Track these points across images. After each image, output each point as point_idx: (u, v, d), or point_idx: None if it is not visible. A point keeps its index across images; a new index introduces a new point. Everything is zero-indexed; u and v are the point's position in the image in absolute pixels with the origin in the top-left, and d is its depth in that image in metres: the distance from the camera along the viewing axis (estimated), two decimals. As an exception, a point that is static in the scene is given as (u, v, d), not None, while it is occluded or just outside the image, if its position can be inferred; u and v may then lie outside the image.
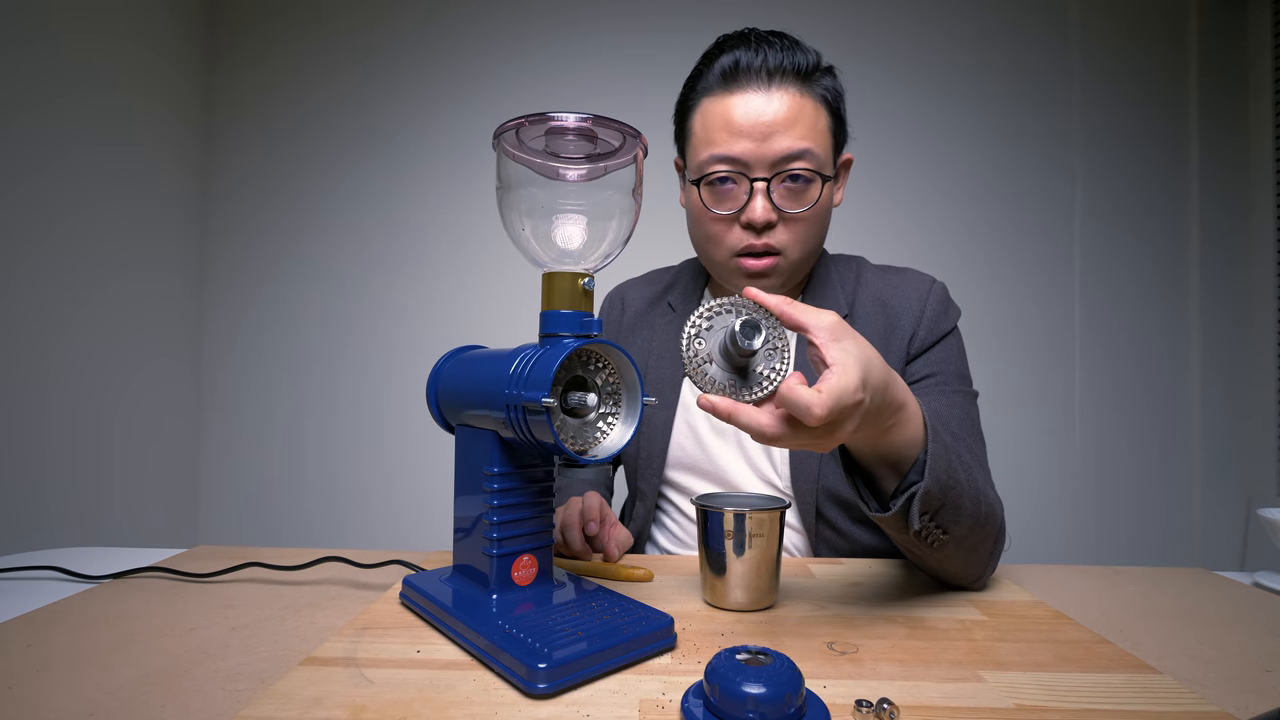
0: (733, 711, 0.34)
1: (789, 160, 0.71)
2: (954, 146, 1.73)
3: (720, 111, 0.72)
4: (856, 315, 0.79)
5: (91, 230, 1.45)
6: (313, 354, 1.81)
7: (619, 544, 0.66)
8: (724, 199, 0.74)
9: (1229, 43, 1.70)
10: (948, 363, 0.77)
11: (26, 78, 1.30)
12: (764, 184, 0.71)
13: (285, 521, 1.81)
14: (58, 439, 1.38)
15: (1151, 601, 0.61)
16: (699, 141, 0.75)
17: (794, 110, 0.71)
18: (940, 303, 0.79)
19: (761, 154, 0.71)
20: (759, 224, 0.72)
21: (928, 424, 0.52)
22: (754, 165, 0.71)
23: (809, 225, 0.74)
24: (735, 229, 0.74)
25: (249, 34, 1.82)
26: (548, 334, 0.49)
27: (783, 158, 0.71)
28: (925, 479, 0.50)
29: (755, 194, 0.72)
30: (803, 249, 0.75)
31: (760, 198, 0.72)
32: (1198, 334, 1.69)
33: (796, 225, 0.74)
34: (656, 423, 0.82)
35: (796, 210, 0.73)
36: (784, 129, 0.70)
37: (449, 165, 1.79)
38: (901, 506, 0.51)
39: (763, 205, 0.71)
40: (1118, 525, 1.70)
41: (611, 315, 0.92)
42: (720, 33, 0.78)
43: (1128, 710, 0.38)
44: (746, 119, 0.71)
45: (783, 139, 0.70)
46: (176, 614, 0.54)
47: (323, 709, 0.38)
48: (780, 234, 0.74)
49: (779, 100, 0.71)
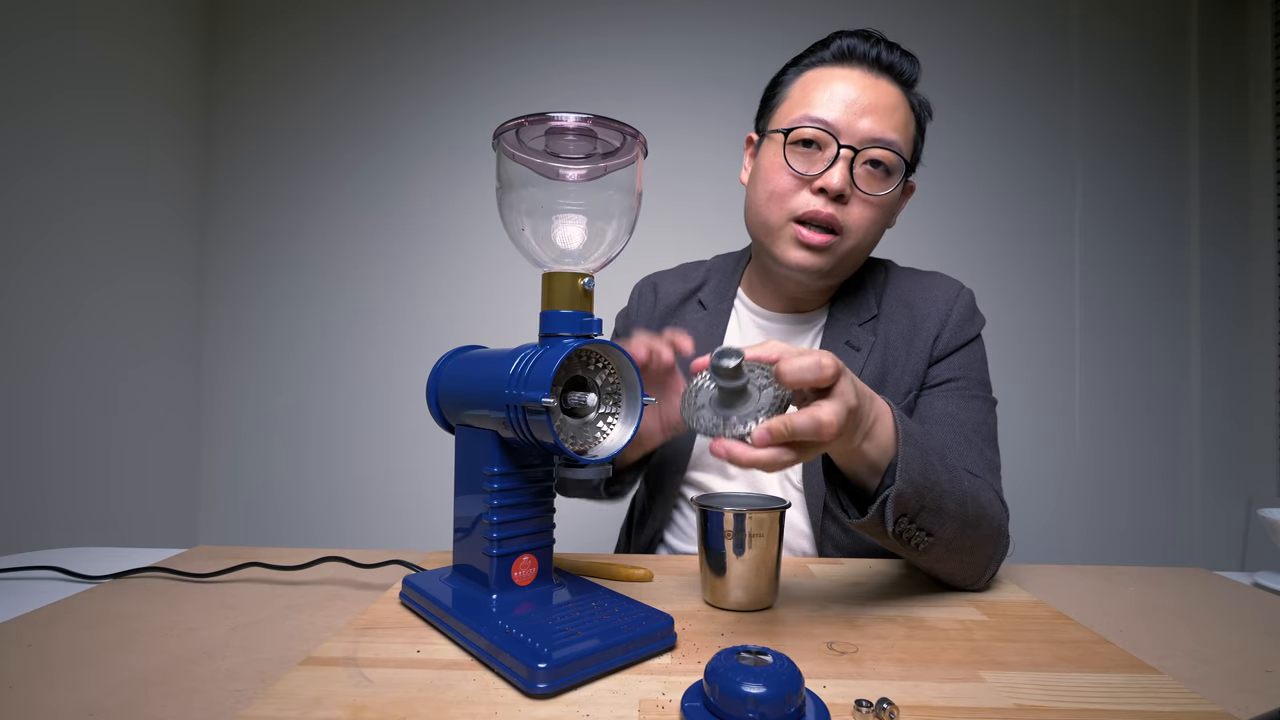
0: (733, 711, 0.34)
1: (877, 144, 0.71)
2: (954, 146, 1.73)
3: (824, 79, 0.73)
4: (883, 316, 0.80)
5: (91, 229, 1.45)
6: (312, 354, 1.81)
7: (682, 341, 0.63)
8: (805, 159, 0.73)
9: (1229, 43, 1.70)
10: (970, 368, 0.78)
11: (26, 77, 1.30)
12: (851, 154, 0.71)
13: (285, 521, 1.81)
14: (57, 439, 1.38)
15: (1151, 601, 0.61)
16: (794, 103, 0.75)
17: (894, 101, 0.72)
18: (967, 309, 0.80)
19: (854, 127, 0.71)
20: (833, 191, 0.70)
21: (898, 428, 0.52)
22: (844, 134, 0.71)
23: (875, 214, 0.74)
24: (804, 192, 0.73)
25: (249, 34, 1.82)
26: (548, 334, 0.49)
27: (873, 139, 0.71)
28: (897, 481, 0.51)
29: (838, 161, 0.70)
30: (860, 236, 0.74)
31: (842, 165, 0.70)
32: (1198, 334, 1.69)
33: (866, 209, 0.73)
34: None
35: (870, 193, 0.72)
36: (882, 114, 0.71)
37: (449, 165, 1.79)
38: (877, 510, 0.51)
39: (841, 173, 0.70)
40: (1118, 526, 1.70)
41: (644, 304, 0.91)
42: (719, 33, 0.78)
43: (1128, 710, 0.38)
44: (849, 91, 0.71)
45: (878, 122, 0.71)
46: (176, 614, 0.54)
47: (323, 709, 0.38)
48: (849, 212, 0.72)
49: (884, 89, 0.72)
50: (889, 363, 0.78)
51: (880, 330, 0.79)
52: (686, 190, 1.70)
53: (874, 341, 0.78)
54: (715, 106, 1.71)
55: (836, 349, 0.78)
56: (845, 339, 0.79)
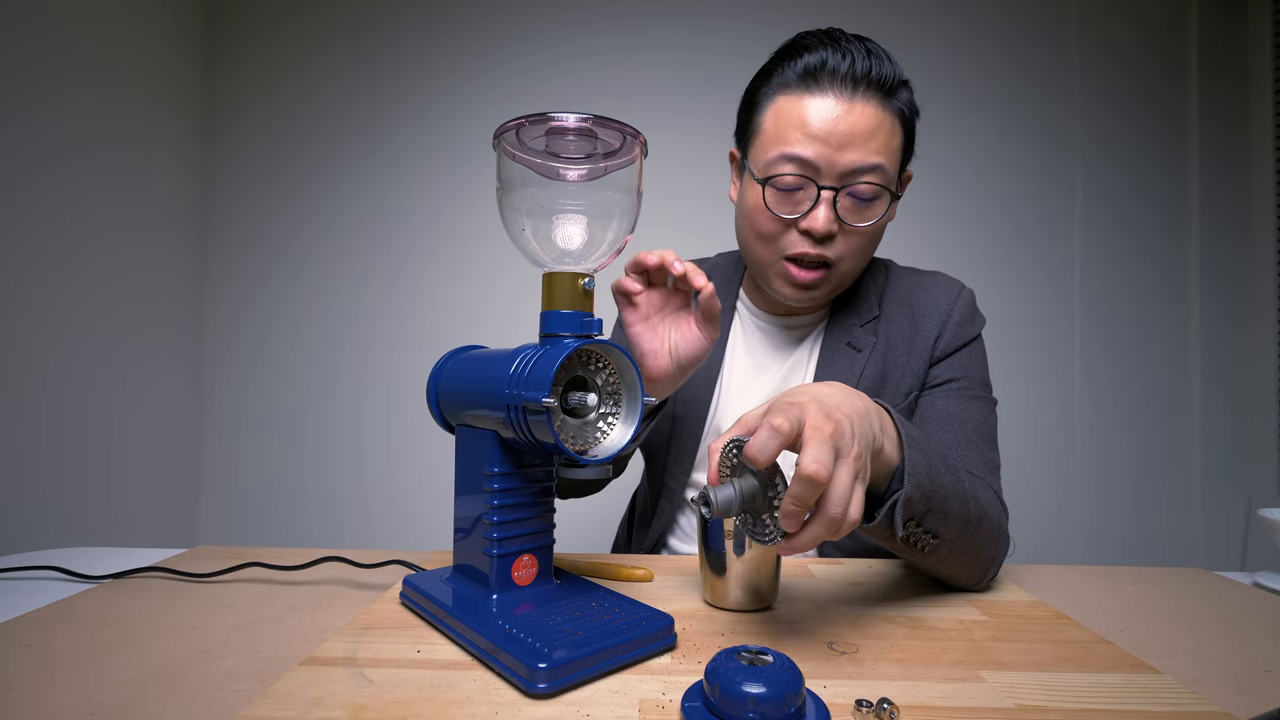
0: (733, 711, 0.34)
1: (860, 174, 0.69)
2: (953, 146, 1.73)
3: (797, 111, 0.69)
4: (885, 316, 0.80)
5: (91, 229, 1.45)
6: (313, 354, 1.81)
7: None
8: (786, 202, 0.71)
9: (1229, 43, 1.70)
10: (970, 368, 0.78)
11: (26, 77, 1.30)
12: (831, 194, 0.69)
13: (285, 521, 1.81)
14: (58, 439, 1.38)
15: (1151, 601, 0.61)
16: (769, 138, 0.71)
17: (873, 124, 0.68)
18: (967, 309, 0.80)
19: (833, 162, 0.68)
20: (819, 233, 0.70)
21: (901, 432, 0.52)
22: (824, 172, 0.69)
23: (866, 240, 0.73)
24: (792, 233, 0.72)
25: (249, 33, 1.82)
26: (548, 334, 0.49)
27: (854, 170, 0.68)
28: (905, 486, 0.50)
29: (820, 203, 0.69)
30: (855, 262, 0.74)
31: (825, 207, 0.69)
32: (1198, 334, 1.69)
33: (855, 239, 0.72)
34: (690, 421, 0.82)
35: (859, 225, 0.71)
36: (861, 141, 0.68)
37: (449, 165, 1.79)
38: (885, 515, 0.51)
39: (825, 215, 0.69)
40: (1118, 526, 1.70)
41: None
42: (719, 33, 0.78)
43: (1128, 710, 0.38)
44: (824, 124, 0.68)
45: (858, 151, 0.68)
46: (176, 614, 0.54)
47: (323, 709, 0.37)
48: (838, 245, 0.72)
49: (859, 111, 0.68)
50: (890, 363, 0.78)
51: (881, 331, 0.79)
52: (686, 190, 1.70)
53: (875, 342, 0.78)
54: (715, 106, 1.70)
55: (837, 350, 0.79)
56: (847, 340, 0.79)
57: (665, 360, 0.62)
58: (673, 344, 0.61)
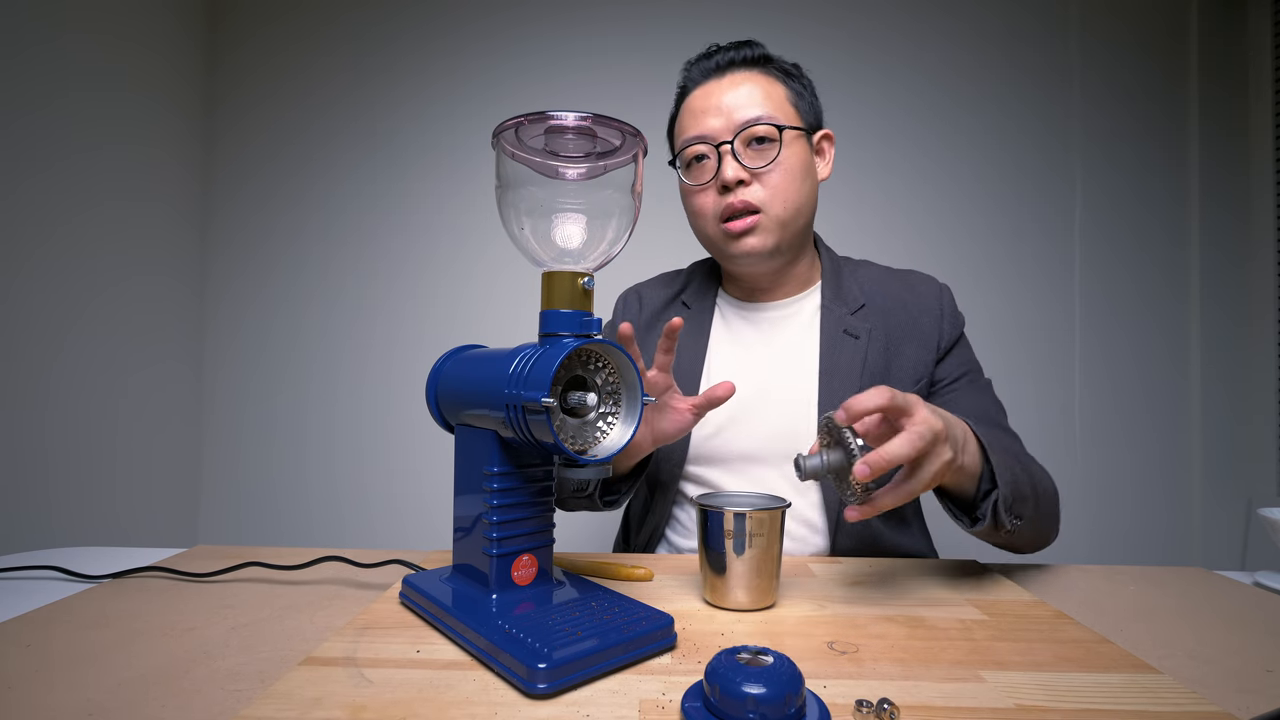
0: (733, 712, 0.34)
1: (748, 124, 0.77)
2: (953, 146, 1.73)
3: (689, 105, 0.82)
4: (871, 309, 0.84)
5: (92, 230, 1.45)
6: (313, 354, 1.81)
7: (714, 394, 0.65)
8: (700, 172, 0.81)
9: (1229, 43, 1.69)
10: (970, 359, 0.85)
11: (27, 77, 1.30)
12: (729, 146, 0.78)
13: (285, 521, 1.81)
14: (58, 438, 1.38)
15: (1151, 601, 0.61)
16: (677, 134, 0.84)
17: (748, 85, 0.79)
18: (952, 301, 0.86)
19: (726, 125, 0.78)
20: (730, 182, 0.77)
21: (980, 439, 0.59)
22: (719, 134, 0.78)
23: (783, 179, 0.78)
24: (713, 195, 0.80)
25: (250, 34, 1.82)
26: (547, 334, 0.49)
27: (741, 123, 0.77)
28: (1001, 487, 0.57)
29: (723, 157, 0.78)
30: (783, 205, 0.79)
31: (728, 159, 0.78)
32: (1198, 334, 1.69)
33: (770, 179, 0.78)
34: None
35: (763, 166, 0.78)
36: (743, 102, 0.78)
37: (449, 165, 1.79)
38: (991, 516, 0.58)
39: (732, 166, 0.77)
40: (1118, 525, 1.70)
41: (629, 312, 0.95)
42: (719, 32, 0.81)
43: (1128, 710, 0.38)
44: (709, 101, 0.80)
45: (742, 110, 0.78)
46: (176, 614, 0.54)
47: (323, 709, 0.37)
48: (756, 190, 0.78)
49: (731, 80, 0.80)
50: (892, 353, 0.82)
51: (874, 319, 0.83)
52: (686, 190, 1.69)
53: (870, 330, 0.82)
54: (715, 106, 1.71)
55: (837, 337, 0.82)
56: (843, 328, 0.82)
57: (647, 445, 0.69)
58: (657, 428, 0.68)
